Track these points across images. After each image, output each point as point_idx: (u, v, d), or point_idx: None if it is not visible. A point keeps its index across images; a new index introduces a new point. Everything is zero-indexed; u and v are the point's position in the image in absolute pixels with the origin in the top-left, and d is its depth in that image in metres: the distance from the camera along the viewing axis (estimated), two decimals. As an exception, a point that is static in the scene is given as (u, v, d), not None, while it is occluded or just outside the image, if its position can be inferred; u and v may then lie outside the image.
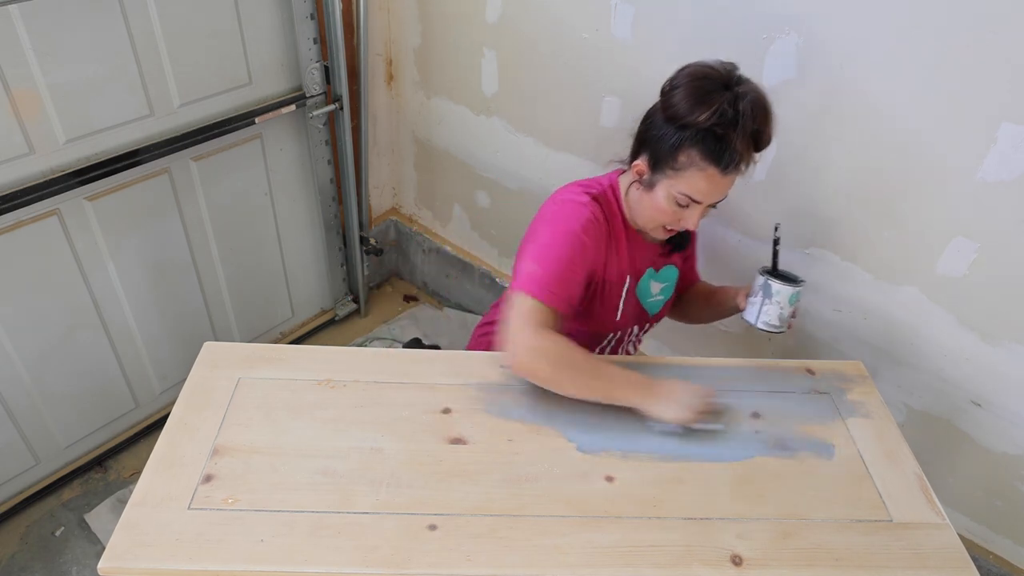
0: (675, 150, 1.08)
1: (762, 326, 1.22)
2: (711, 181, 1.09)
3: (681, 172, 1.09)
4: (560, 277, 1.12)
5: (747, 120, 1.04)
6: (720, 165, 1.07)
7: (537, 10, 1.67)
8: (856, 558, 0.96)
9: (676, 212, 1.14)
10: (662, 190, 1.13)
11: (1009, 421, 1.38)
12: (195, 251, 1.83)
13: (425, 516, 0.97)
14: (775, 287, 1.20)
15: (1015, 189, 1.18)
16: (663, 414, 1.08)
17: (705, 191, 1.10)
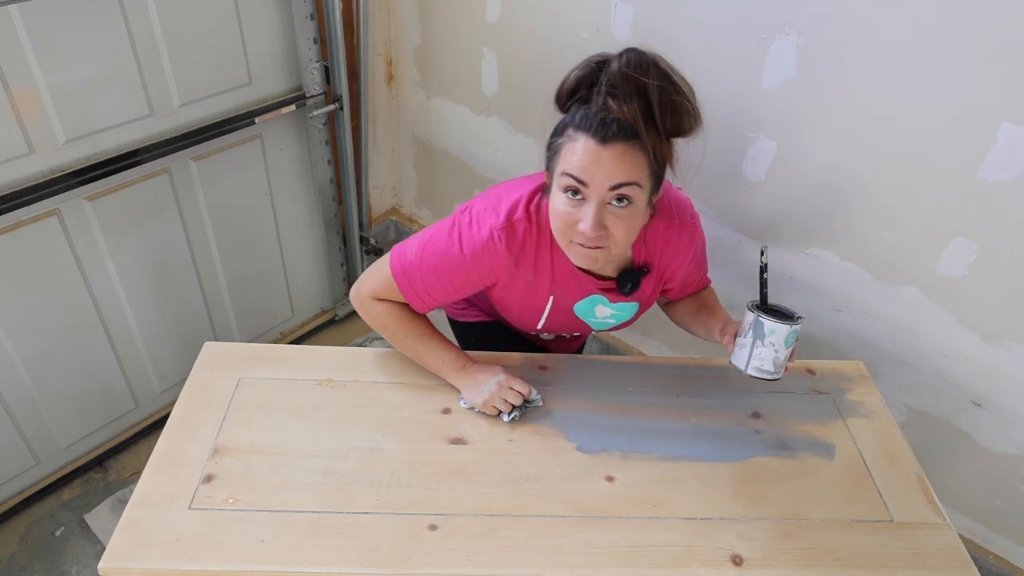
0: (556, 136, 0.97)
1: (753, 372, 1.03)
2: (587, 152, 0.91)
3: (559, 152, 0.96)
4: (428, 288, 1.10)
5: (615, 76, 0.90)
6: (592, 131, 0.91)
7: (537, 10, 1.67)
8: (856, 558, 0.96)
9: (569, 211, 0.96)
10: (554, 187, 0.98)
11: (1009, 421, 1.38)
12: (195, 251, 1.83)
13: (425, 516, 0.97)
14: (768, 325, 1.00)
15: (1015, 189, 1.18)
16: (469, 397, 1.14)
17: (582, 163, 0.92)
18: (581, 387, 1.20)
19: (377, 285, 1.14)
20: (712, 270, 1.65)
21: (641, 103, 0.90)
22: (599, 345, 2.07)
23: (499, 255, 1.07)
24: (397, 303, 1.15)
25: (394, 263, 1.11)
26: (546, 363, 1.25)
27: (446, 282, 1.10)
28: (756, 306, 1.05)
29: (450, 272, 1.09)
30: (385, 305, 1.15)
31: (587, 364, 1.26)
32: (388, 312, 1.15)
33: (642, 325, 1.94)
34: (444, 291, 1.11)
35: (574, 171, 0.93)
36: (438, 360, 1.16)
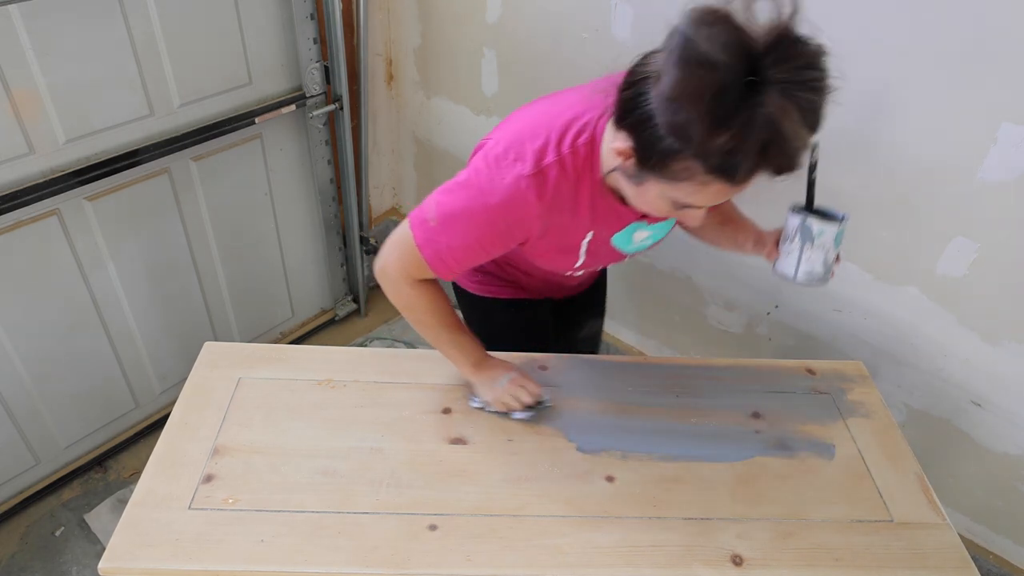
0: (668, 158, 0.79)
1: (803, 278, 0.99)
2: (719, 194, 0.83)
3: (677, 182, 0.82)
4: (456, 256, 0.99)
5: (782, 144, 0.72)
6: (731, 181, 0.78)
7: (537, 10, 1.67)
8: (856, 558, 0.96)
9: (672, 212, 0.90)
10: (655, 190, 0.86)
11: (1009, 421, 1.38)
12: (195, 251, 1.83)
13: (425, 516, 0.97)
14: (817, 227, 0.96)
15: (1015, 189, 1.18)
16: (481, 393, 1.13)
17: (710, 200, 0.85)
18: (581, 387, 1.20)
19: (404, 262, 1.03)
20: (711, 271, 1.64)
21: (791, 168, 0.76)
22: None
23: (530, 207, 0.94)
24: (429, 288, 1.07)
25: (417, 234, 0.99)
26: (546, 363, 1.25)
27: (475, 246, 0.98)
28: (801, 209, 0.99)
29: (477, 235, 0.97)
30: (418, 290, 1.06)
31: (587, 364, 1.26)
32: (421, 297, 1.07)
33: (642, 325, 1.94)
34: (474, 256, 1.00)
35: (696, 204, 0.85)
36: (458, 351, 1.13)
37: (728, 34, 0.70)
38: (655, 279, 1.82)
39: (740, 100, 0.70)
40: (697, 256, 1.70)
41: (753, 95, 0.70)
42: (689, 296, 1.77)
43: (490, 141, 1.00)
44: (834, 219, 0.97)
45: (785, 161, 0.74)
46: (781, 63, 0.70)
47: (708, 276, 1.71)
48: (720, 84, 0.70)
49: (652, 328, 1.93)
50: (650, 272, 1.82)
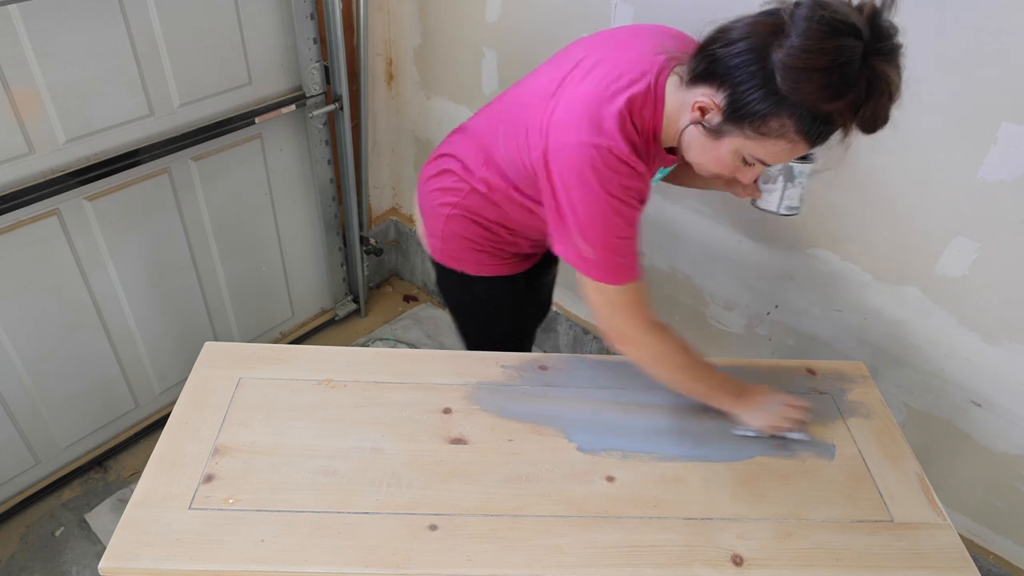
0: (768, 115, 0.86)
1: (785, 211, 1.13)
2: (795, 152, 0.91)
3: (766, 137, 0.89)
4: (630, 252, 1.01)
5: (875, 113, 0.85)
6: (813, 141, 0.89)
7: (537, 10, 1.67)
8: (856, 558, 0.96)
9: (736, 167, 0.96)
10: (731, 145, 0.92)
11: (1009, 421, 1.38)
12: (195, 251, 1.83)
13: (425, 516, 0.97)
14: (797, 168, 1.09)
15: (1015, 189, 1.18)
16: (752, 421, 1.11)
17: (781, 159, 0.93)
18: (581, 387, 1.20)
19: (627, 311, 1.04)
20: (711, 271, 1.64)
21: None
22: (599, 345, 2.07)
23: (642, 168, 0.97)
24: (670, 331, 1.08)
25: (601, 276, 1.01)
26: (546, 363, 1.25)
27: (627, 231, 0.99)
28: None
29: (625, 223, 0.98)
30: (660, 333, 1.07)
31: (587, 364, 1.26)
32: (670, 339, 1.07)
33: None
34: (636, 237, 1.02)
35: (772, 161, 0.92)
36: (720, 389, 1.11)
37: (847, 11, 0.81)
38: (655, 279, 1.82)
39: (860, 69, 0.81)
40: (697, 256, 1.70)
41: (868, 66, 0.81)
42: (689, 296, 1.77)
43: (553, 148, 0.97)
44: (805, 159, 1.08)
45: (881, 122, 0.85)
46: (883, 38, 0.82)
47: (708, 276, 1.71)
48: (847, 54, 0.79)
49: (652, 328, 1.92)
50: (650, 272, 1.82)
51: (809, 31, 0.80)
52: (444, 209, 1.23)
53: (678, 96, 0.96)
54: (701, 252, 1.67)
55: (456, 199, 1.21)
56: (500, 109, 1.16)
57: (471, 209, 1.20)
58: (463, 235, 1.24)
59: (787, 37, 0.82)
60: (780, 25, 0.83)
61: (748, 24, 0.87)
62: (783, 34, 0.82)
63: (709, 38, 0.91)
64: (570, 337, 2.16)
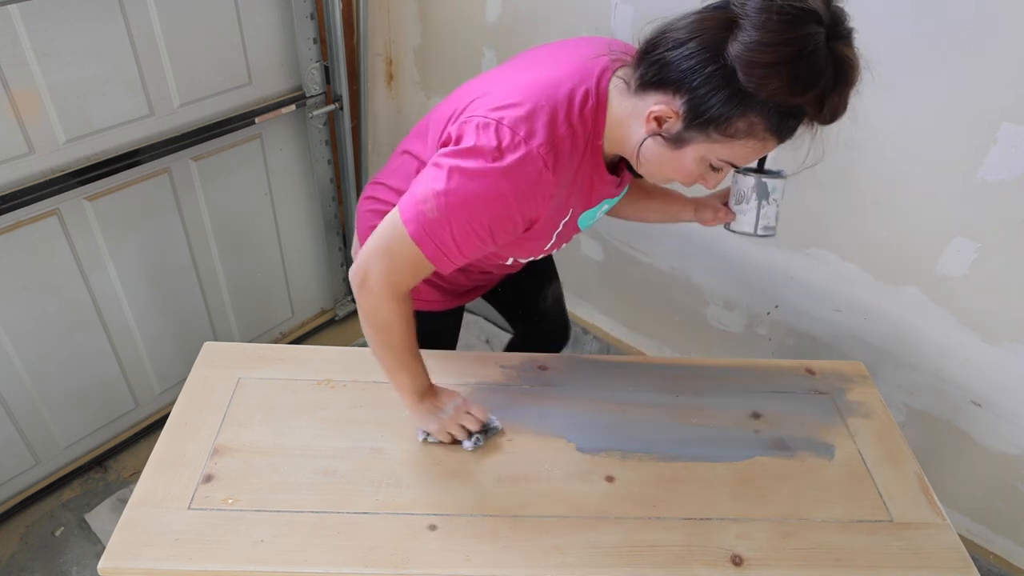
0: (733, 116, 0.81)
1: (762, 232, 1.08)
2: (765, 149, 0.86)
3: (733, 139, 0.83)
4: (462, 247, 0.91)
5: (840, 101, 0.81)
6: (783, 137, 0.84)
7: (537, 10, 1.67)
8: (856, 558, 0.96)
9: (703, 174, 0.90)
10: (695, 152, 0.86)
11: (1009, 421, 1.38)
12: (195, 251, 1.83)
13: (424, 516, 0.97)
14: (771, 184, 1.04)
15: (1015, 189, 1.18)
16: (423, 424, 1.07)
17: (749, 159, 0.88)
18: (581, 387, 1.20)
19: (392, 266, 0.93)
20: (711, 271, 1.64)
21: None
22: (599, 345, 2.07)
23: (546, 184, 0.88)
24: (408, 305, 0.98)
25: (412, 229, 0.89)
26: (546, 363, 1.25)
27: (485, 235, 0.90)
28: (748, 170, 1.05)
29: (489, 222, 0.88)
30: (401, 306, 0.97)
31: (587, 364, 1.26)
32: (401, 316, 0.97)
33: (642, 325, 1.94)
34: (483, 246, 0.92)
35: (738, 162, 0.87)
36: (410, 379, 1.04)
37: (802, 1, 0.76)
38: (655, 279, 1.82)
39: (826, 57, 0.76)
40: (697, 256, 1.70)
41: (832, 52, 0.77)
42: (689, 296, 1.77)
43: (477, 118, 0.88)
44: (777, 175, 1.04)
45: (842, 110, 0.82)
46: (840, 21, 0.78)
47: (708, 276, 1.71)
48: (811, 42, 0.75)
49: (652, 328, 1.93)
50: (650, 272, 1.82)
51: (768, 23, 0.75)
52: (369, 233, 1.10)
53: (625, 103, 0.89)
54: (701, 252, 1.67)
55: None
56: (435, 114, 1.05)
57: None
58: None
59: (742, 31, 0.76)
60: (731, 19, 0.78)
61: (694, 21, 0.81)
62: (736, 27, 0.77)
63: (652, 40, 0.84)
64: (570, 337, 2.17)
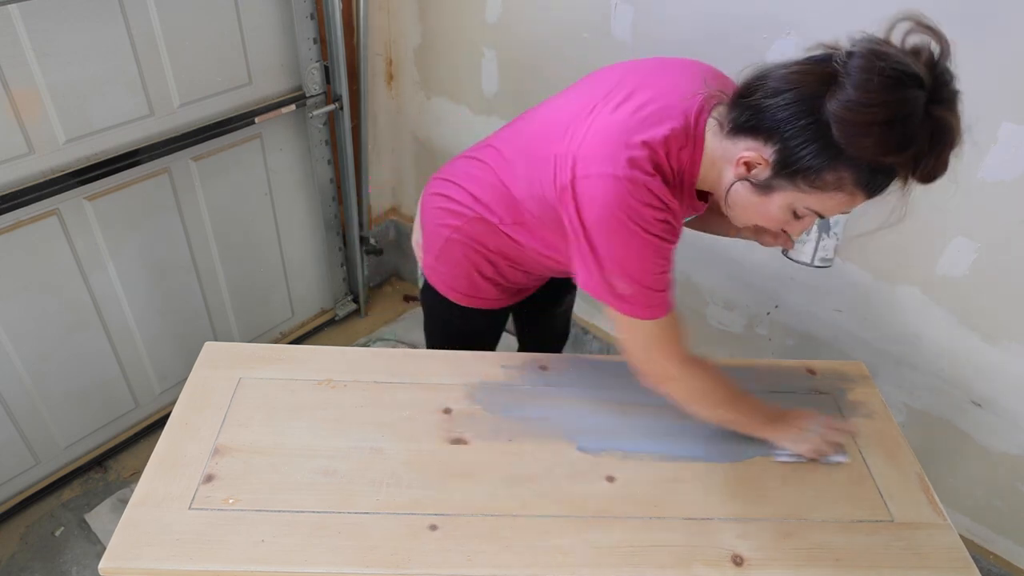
0: (824, 169, 0.81)
1: (820, 263, 1.09)
2: (853, 203, 0.86)
3: (821, 191, 0.84)
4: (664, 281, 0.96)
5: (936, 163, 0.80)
6: (872, 193, 0.84)
7: (537, 10, 1.67)
8: (857, 558, 0.96)
9: (787, 221, 0.91)
10: (782, 200, 0.87)
11: (1009, 421, 1.38)
12: (195, 251, 1.83)
13: (425, 516, 0.97)
14: (833, 218, 1.04)
15: (1015, 189, 1.18)
16: (792, 446, 1.08)
17: (837, 211, 0.88)
18: (581, 387, 1.20)
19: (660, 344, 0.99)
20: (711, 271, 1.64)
21: None
22: (599, 345, 2.07)
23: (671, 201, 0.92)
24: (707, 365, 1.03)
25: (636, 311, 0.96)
26: (546, 363, 1.25)
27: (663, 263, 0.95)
28: None
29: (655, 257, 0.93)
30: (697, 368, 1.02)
31: (587, 364, 1.26)
32: (708, 374, 1.03)
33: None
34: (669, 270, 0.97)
35: (825, 213, 0.88)
36: (758, 416, 1.08)
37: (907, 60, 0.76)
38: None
39: (923, 121, 0.76)
40: (697, 256, 1.70)
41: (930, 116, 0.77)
42: (689, 296, 1.77)
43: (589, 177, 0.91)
44: None
45: (941, 172, 0.81)
46: (944, 85, 0.78)
47: (708, 276, 1.71)
48: (909, 106, 0.76)
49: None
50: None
51: (869, 83, 0.75)
52: (445, 230, 1.18)
53: (717, 143, 0.91)
54: (701, 252, 1.67)
55: (459, 223, 1.16)
56: (521, 138, 1.10)
57: (473, 236, 1.15)
58: (460, 259, 1.19)
59: (841, 89, 0.77)
60: (831, 75, 0.79)
61: (795, 73, 0.82)
62: (836, 85, 0.78)
63: (749, 85, 0.86)
64: (570, 337, 2.16)
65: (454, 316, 1.27)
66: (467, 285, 1.21)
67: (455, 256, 1.19)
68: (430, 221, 1.23)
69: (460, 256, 1.18)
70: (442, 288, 1.24)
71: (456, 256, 1.19)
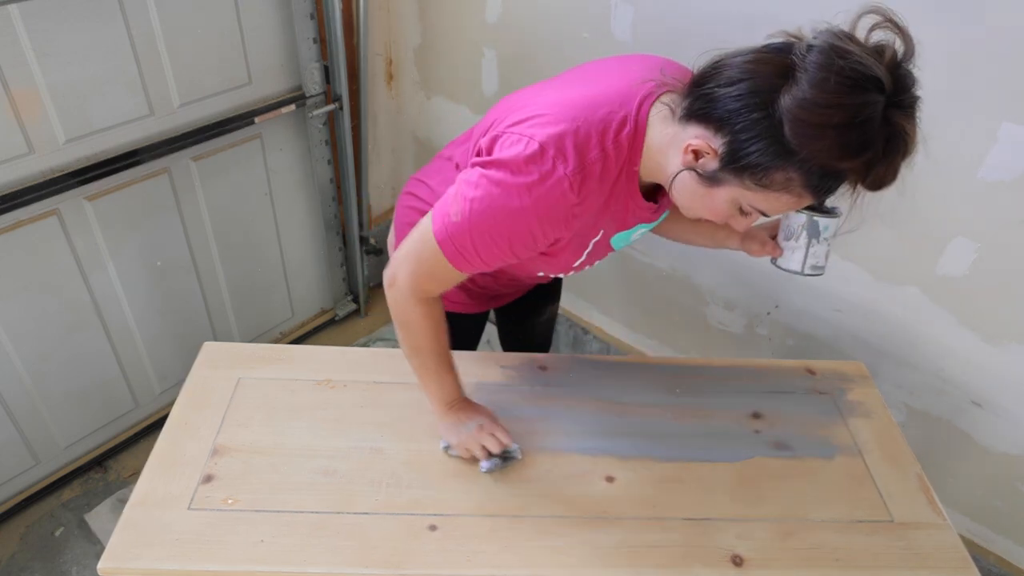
0: (772, 168, 0.79)
1: (810, 272, 1.05)
2: (799, 204, 0.84)
3: (767, 190, 0.82)
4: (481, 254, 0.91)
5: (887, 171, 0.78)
6: (822, 197, 0.83)
7: (537, 10, 1.67)
8: (856, 558, 0.96)
9: (732, 216, 0.89)
10: (728, 194, 0.85)
11: (1009, 421, 1.38)
12: (195, 251, 1.83)
13: (425, 516, 0.97)
14: (823, 223, 1.01)
15: (1015, 189, 1.18)
16: (445, 434, 1.06)
17: (782, 210, 0.86)
18: (581, 387, 1.20)
19: (419, 266, 0.95)
20: (711, 271, 1.64)
21: None
22: (599, 345, 2.07)
23: (570, 207, 0.88)
24: (437, 310, 1.01)
25: (438, 230, 0.91)
26: (546, 363, 1.25)
27: (505, 248, 0.91)
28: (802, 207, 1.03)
29: (509, 236, 0.89)
30: (426, 308, 0.99)
31: (587, 364, 1.26)
32: (427, 318, 1.00)
33: (642, 325, 1.94)
34: (502, 257, 0.93)
35: (770, 212, 0.85)
36: (438, 387, 1.06)
37: (869, 61, 0.72)
38: (655, 279, 1.82)
39: (880, 127, 0.73)
40: (697, 256, 1.70)
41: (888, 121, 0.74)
42: (689, 296, 1.77)
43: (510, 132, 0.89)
44: (831, 213, 1.01)
45: (891, 180, 0.78)
46: (904, 90, 0.74)
47: (708, 276, 1.71)
48: (868, 111, 0.72)
49: (652, 328, 1.93)
50: (650, 272, 1.82)
51: (826, 83, 0.72)
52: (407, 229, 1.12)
53: (667, 129, 0.87)
54: (701, 252, 1.67)
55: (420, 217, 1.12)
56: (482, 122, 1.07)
57: None
58: None
59: (797, 85, 0.74)
60: (788, 67, 0.75)
61: (751, 61, 0.79)
62: (792, 79, 0.74)
63: (705, 73, 0.83)
64: (570, 337, 2.16)
65: None
66: None
67: None
68: (399, 219, 1.22)
69: None
70: None
71: None
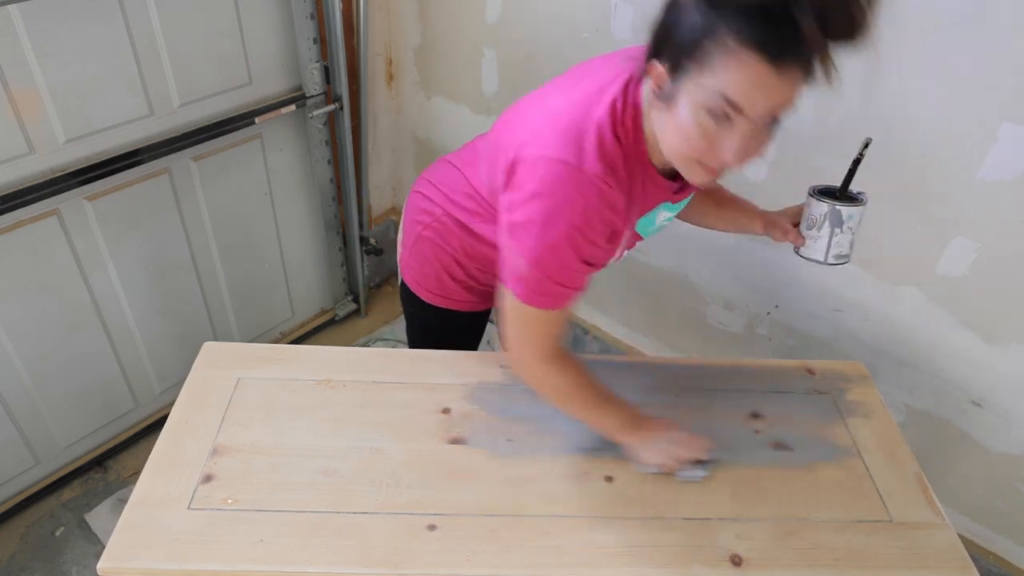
0: (701, 35, 0.72)
1: (833, 260, 1.03)
2: (756, 77, 0.72)
3: (709, 65, 0.73)
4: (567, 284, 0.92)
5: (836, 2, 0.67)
6: (768, 51, 0.70)
7: (537, 10, 1.67)
8: (856, 558, 0.96)
9: (709, 136, 0.78)
10: (686, 100, 0.77)
11: (1009, 421, 1.38)
12: (195, 251, 1.83)
13: (425, 516, 0.97)
14: (846, 212, 0.99)
15: (1015, 189, 1.18)
16: (644, 458, 1.05)
17: (747, 90, 0.73)
18: (581, 387, 1.20)
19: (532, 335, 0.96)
20: (710, 270, 1.64)
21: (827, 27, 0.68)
22: (599, 345, 2.08)
23: (615, 200, 0.87)
24: (571, 364, 1.00)
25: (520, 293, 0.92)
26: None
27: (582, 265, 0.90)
28: (824, 192, 1.02)
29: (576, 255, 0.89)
30: (561, 366, 0.99)
31: (587, 364, 1.25)
32: (567, 376, 1.00)
33: (641, 325, 1.94)
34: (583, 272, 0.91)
35: (737, 96, 0.74)
36: (615, 421, 1.04)
37: None
38: (654, 278, 1.82)
39: None
40: (697, 255, 1.70)
41: None
42: (689, 296, 1.77)
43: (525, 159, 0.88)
44: (856, 200, 1.00)
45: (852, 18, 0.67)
46: None
47: (708, 276, 1.71)
48: None
49: (652, 328, 1.93)
50: (649, 271, 1.82)
51: None
52: (417, 227, 1.19)
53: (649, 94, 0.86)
54: (701, 251, 1.67)
55: (429, 220, 1.16)
56: (493, 132, 1.07)
57: (442, 234, 1.15)
58: (430, 258, 1.18)
59: None
60: None
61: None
62: None
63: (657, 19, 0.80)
64: (570, 337, 2.17)
65: (428, 314, 1.26)
66: (437, 285, 1.21)
67: (425, 253, 1.19)
68: (408, 217, 1.23)
69: (430, 254, 1.18)
70: (413, 286, 1.24)
71: (426, 253, 1.19)
